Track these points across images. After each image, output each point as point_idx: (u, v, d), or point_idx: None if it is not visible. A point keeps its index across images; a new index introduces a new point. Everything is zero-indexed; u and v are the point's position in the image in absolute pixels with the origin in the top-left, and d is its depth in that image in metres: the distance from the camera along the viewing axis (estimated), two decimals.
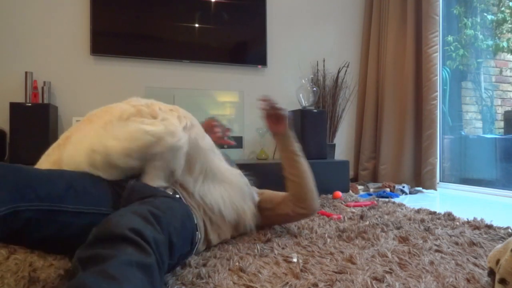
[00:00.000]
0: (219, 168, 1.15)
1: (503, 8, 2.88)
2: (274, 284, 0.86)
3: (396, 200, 2.24)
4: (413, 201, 2.27)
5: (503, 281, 0.76)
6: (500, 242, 1.20)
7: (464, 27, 3.01)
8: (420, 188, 2.73)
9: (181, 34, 2.74)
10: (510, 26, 2.88)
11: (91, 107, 1.10)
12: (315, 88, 2.84)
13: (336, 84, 3.08)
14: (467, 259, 1.04)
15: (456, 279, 0.88)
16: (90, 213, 0.80)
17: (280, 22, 3.08)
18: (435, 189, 2.62)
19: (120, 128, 0.95)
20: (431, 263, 1.00)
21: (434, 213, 1.72)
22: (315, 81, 3.06)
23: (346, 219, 1.59)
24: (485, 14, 2.98)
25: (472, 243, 1.19)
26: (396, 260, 1.02)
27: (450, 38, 2.99)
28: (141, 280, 0.59)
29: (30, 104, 2.22)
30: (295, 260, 1.03)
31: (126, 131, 0.94)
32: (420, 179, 2.71)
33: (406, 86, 2.83)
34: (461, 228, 1.41)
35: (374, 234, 1.27)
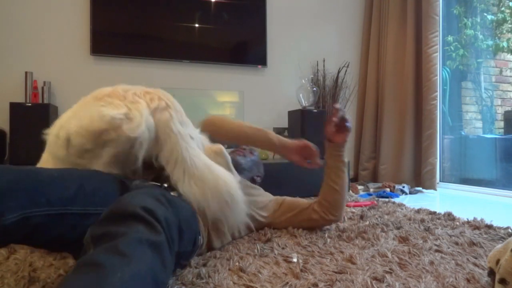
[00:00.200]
0: (193, 160, 0.97)
1: (503, 8, 2.88)
2: (274, 284, 0.86)
3: (396, 200, 2.24)
4: (413, 201, 2.27)
5: (503, 281, 0.76)
6: (500, 242, 1.20)
7: (464, 27, 3.01)
8: (420, 188, 2.73)
9: (181, 34, 2.74)
10: (510, 26, 2.88)
11: None
12: (315, 88, 2.84)
13: (336, 84, 3.08)
14: (467, 259, 1.04)
15: (456, 279, 0.88)
16: (98, 213, 0.80)
17: (280, 22, 3.08)
18: (435, 189, 2.62)
19: (87, 108, 0.94)
20: (431, 263, 1.00)
21: (434, 213, 1.72)
22: (315, 81, 3.06)
23: (346, 219, 1.59)
24: (485, 14, 2.98)
25: (472, 243, 1.19)
26: (396, 260, 1.02)
27: (450, 38, 2.99)
28: (151, 258, 0.61)
29: (30, 104, 2.22)
30: (295, 260, 1.03)
31: (87, 111, 0.92)
32: (420, 179, 2.71)
33: (406, 86, 2.83)
34: (461, 228, 1.41)
35: (374, 234, 1.27)
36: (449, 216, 1.62)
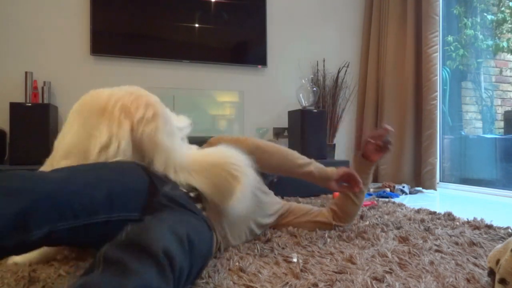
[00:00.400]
0: (189, 157, 1.01)
1: (503, 8, 2.88)
2: (274, 284, 0.86)
3: (396, 200, 2.24)
4: (413, 201, 2.27)
5: (503, 281, 0.76)
6: (500, 242, 1.20)
7: (464, 27, 3.01)
8: (420, 188, 2.73)
9: (181, 34, 2.74)
10: (510, 26, 2.88)
11: None
12: (315, 88, 2.84)
13: (336, 84, 3.08)
14: (467, 259, 1.04)
15: (456, 279, 0.88)
16: (120, 220, 0.79)
17: (280, 22, 3.08)
18: (435, 189, 2.62)
19: (80, 134, 0.98)
20: (431, 263, 1.00)
21: (434, 213, 1.72)
22: (315, 81, 3.06)
23: None
24: (485, 14, 2.98)
25: (472, 243, 1.19)
26: (396, 260, 1.02)
27: (450, 38, 2.99)
28: None
29: (30, 104, 2.22)
30: (295, 260, 1.03)
31: (80, 141, 0.97)
32: (420, 179, 2.71)
33: (406, 86, 2.83)
34: (461, 228, 1.41)
35: (374, 234, 1.27)
36: (449, 216, 1.62)
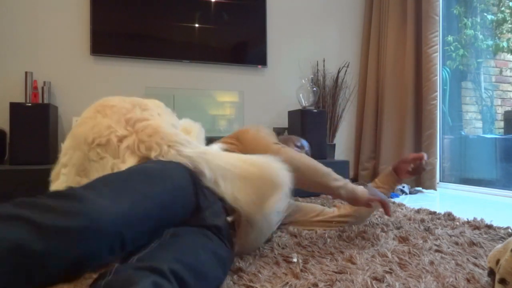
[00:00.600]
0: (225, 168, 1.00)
1: (503, 8, 2.88)
2: (274, 284, 0.86)
3: (396, 200, 2.24)
4: (413, 201, 2.27)
5: (503, 281, 0.76)
6: (500, 242, 1.20)
7: (464, 27, 3.01)
8: (420, 188, 2.73)
9: (181, 34, 2.74)
10: (510, 26, 2.88)
11: None
12: (315, 88, 2.84)
13: (336, 84, 3.08)
14: (467, 259, 1.04)
15: (456, 279, 0.88)
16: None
17: (280, 22, 3.08)
18: (435, 189, 2.62)
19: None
20: (431, 263, 1.00)
21: (434, 213, 1.72)
22: (315, 81, 3.06)
23: None
24: (485, 14, 2.98)
25: (472, 243, 1.19)
26: (396, 260, 1.02)
27: (450, 38, 2.99)
28: None
29: (30, 104, 2.21)
30: (295, 260, 1.03)
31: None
32: (420, 179, 2.71)
33: (406, 86, 2.83)
34: (461, 228, 1.41)
35: (374, 234, 1.27)
36: (449, 216, 1.62)
